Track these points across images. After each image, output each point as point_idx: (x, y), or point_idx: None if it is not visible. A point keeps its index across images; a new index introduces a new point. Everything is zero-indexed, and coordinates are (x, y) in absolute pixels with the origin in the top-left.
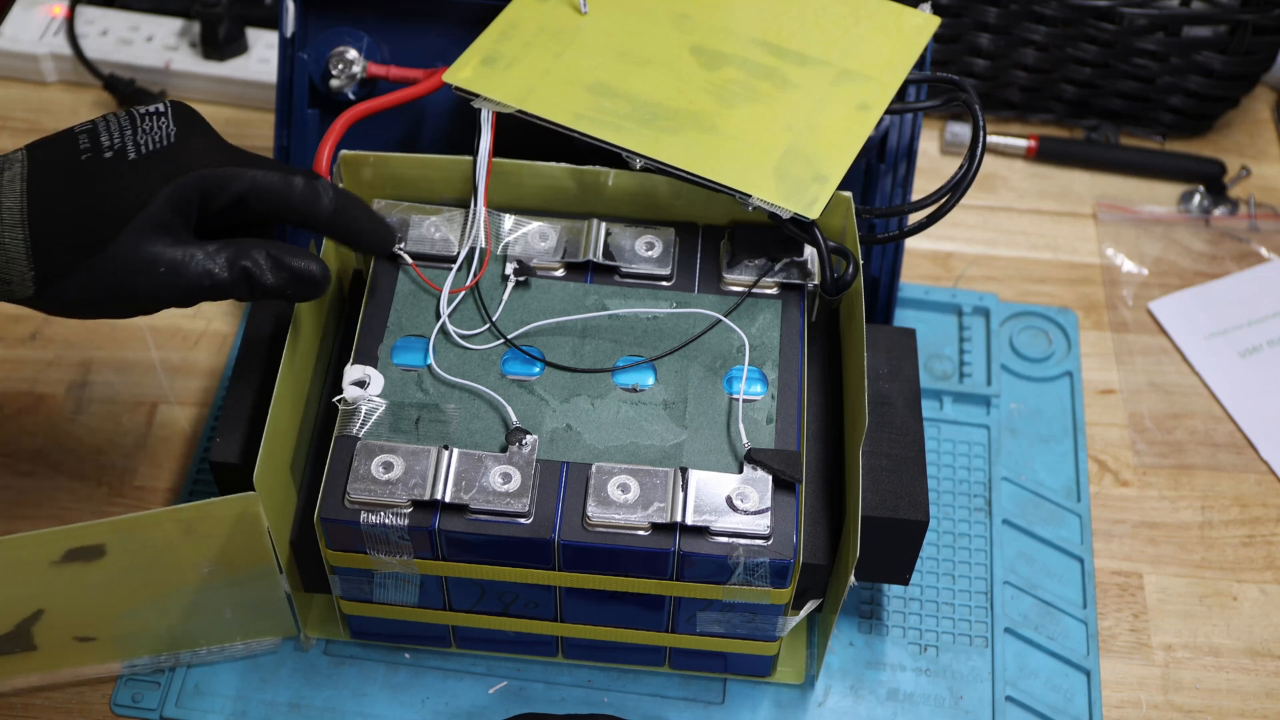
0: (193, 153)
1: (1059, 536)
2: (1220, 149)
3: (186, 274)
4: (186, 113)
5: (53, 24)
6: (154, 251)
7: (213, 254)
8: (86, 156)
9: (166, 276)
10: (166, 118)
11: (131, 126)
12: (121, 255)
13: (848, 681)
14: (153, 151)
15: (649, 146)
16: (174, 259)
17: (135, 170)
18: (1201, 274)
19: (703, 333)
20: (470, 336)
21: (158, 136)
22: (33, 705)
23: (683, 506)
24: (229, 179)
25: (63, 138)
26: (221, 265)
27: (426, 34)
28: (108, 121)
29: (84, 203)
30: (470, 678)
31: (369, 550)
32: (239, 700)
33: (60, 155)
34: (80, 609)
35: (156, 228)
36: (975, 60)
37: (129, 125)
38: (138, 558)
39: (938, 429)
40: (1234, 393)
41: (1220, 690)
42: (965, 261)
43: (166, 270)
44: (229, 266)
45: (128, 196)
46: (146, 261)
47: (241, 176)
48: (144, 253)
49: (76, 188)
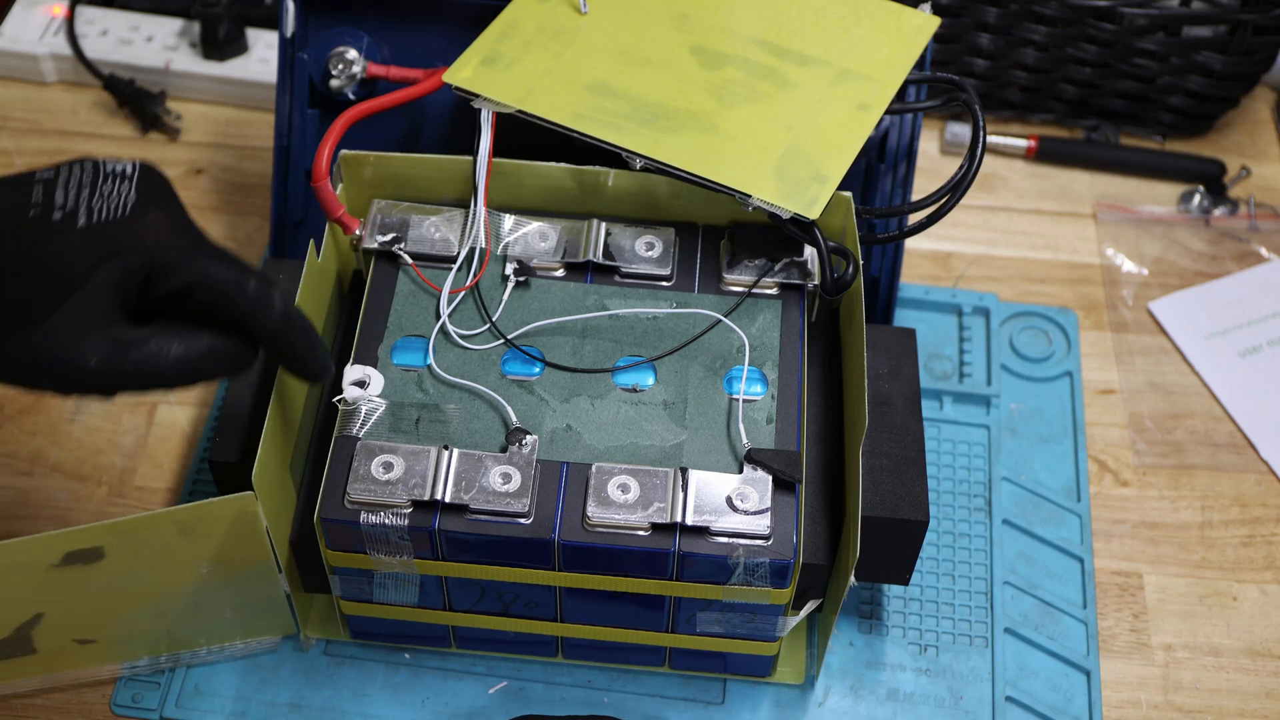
0: (146, 229)
1: (1059, 536)
2: (1220, 149)
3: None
4: (153, 181)
5: (53, 24)
6: (87, 335)
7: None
8: (34, 214)
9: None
10: (130, 183)
11: (91, 186)
12: (53, 334)
13: (848, 681)
14: (104, 221)
15: (649, 146)
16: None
17: (81, 240)
18: (1201, 274)
19: (703, 333)
20: (470, 336)
21: (114, 204)
22: (33, 706)
23: (683, 507)
24: (177, 268)
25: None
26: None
27: (426, 34)
28: (70, 174)
29: (22, 268)
30: (470, 678)
31: (369, 550)
32: (239, 700)
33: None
34: (80, 612)
35: (93, 310)
36: (975, 60)
37: (89, 184)
38: (137, 559)
39: (938, 429)
40: (1234, 393)
41: (1220, 690)
42: (965, 261)
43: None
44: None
45: (69, 269)
46: (78, 345)
47: (192, 268)
48: (77, 336)
49: (17, 249)
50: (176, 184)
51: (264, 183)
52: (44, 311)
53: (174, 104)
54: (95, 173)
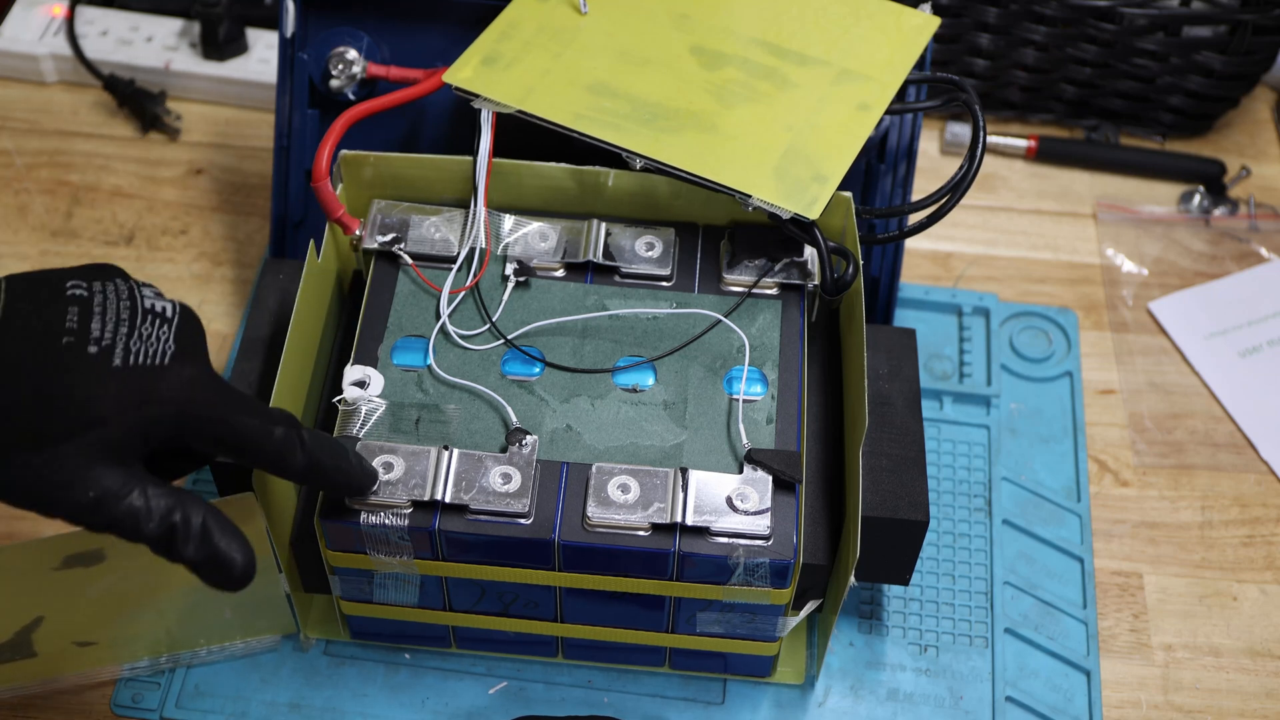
0: (179, 383)
1: (1059, 536)
2: (1220, 149)
3: (113, 510)
4: (191, 331)
5: (53, 24)
6: (90, 475)
7: (150, 499)
8: (68, 342)
9: (91, 502)
10: (170, 329)
11: (130, 324)
12: (57, 464)
13: (848, 681)
14: (139, 367)
15: (649, 146)
16: (108, 489)
17: (114, 381)
18: (1201, 274)
19: (703, 333)
20: (470, 337)
21: (152, 351)
22: (33, 706)
23: (683, 507)
24: (208, 422)
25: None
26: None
27: (426, 34)
28: (107, 301)
29: (45, 393)
30: (470, 678)
31: (369, 550)
32: (239, 700)
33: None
34: (80, 614)
35: (106, 450)
36: (975, 60)
37: (127, 321)
38: (137, 561)
39: (938, 429)
40: (1234, 393)
41: (1220, 690)
42: (965, 261)
43: (95, 496)
44: (160, 520)
45: (95, 407)
46: (79, 480)
47: (222, 423)
48: (81, 472)
49: (44, 373)
50: (176, 184)
51: (264, 183)
52: (55, 440)
53: (174, 104)
54: (133, 306)
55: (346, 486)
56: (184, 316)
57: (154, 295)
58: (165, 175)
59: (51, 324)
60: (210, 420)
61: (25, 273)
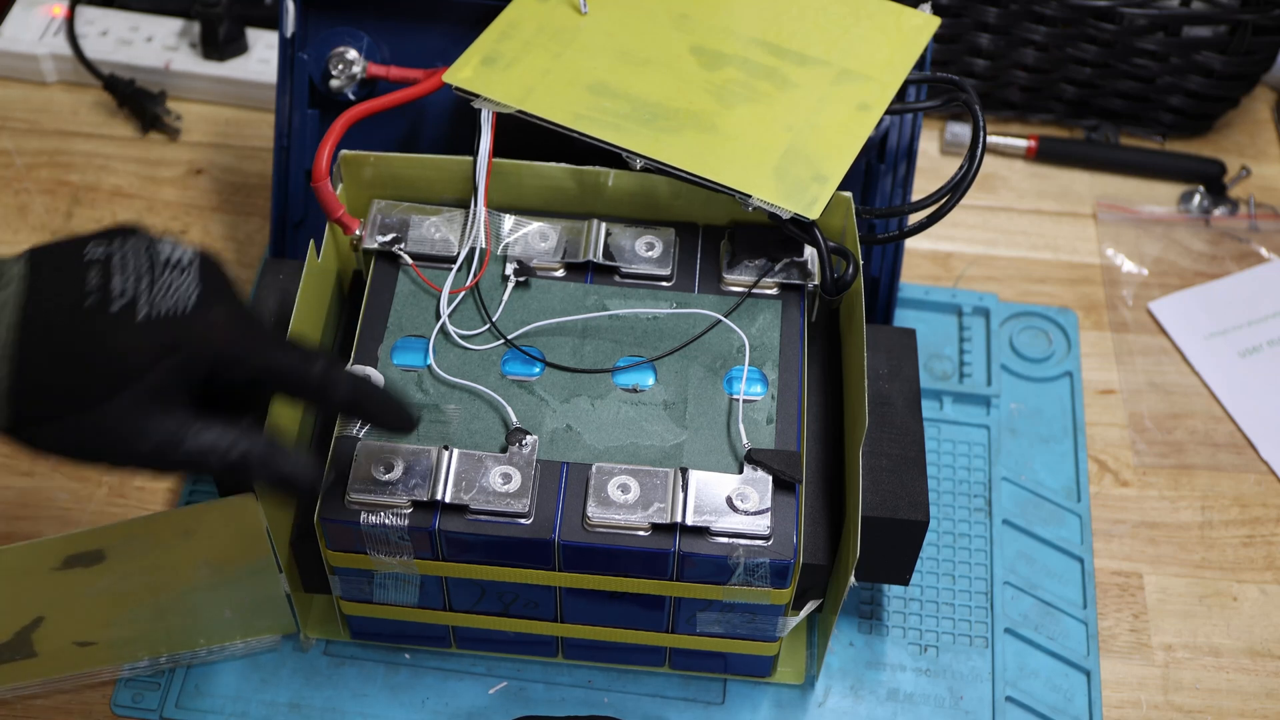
0: (209, 324)
1: (1059, 536)
2: (1220, 149)
3: (173, 455)
4: (212, 272)
5: (53, 24)
6: (144, 424)
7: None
8: (91, 303)
9: (151, 451)
10: (190, 274)
11: (150, 275)
12: (107, 422)
13: (848, 681)
14: (165, 316)
15: (649, 146)
16: (163, 438)
17: (141, 332)
18: (1201, 274)
19: (703, 333)
20: (470, 337)
21: (175, 298)
22: (33, 707)
23: (683, 507)
24: (243, 361)
25: (71, 264)
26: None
27: (426, 34)
28: (125, 258)
29: (78, 355)
30: (470, 678)
31: (369, 551)
32: (239, 700)
33: (63, 289)
34: (80, 614)
35: (152, 399)
36: (975, 60)
37: (146, 273)
38: (137, 562)
39: (938, 429)
40: (1234, 393)
41: (1220, 690)
42: (965, 261)
43: (153, 445)
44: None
45: (128, 360)
46: (134, 433)
47: (257, 359)
48: (133, 424)
49: (73, 336)
50: (176, 184)
51: (264, 183)
52: (99, 399)
53: (174, 104)
54: (151, 259)
55: (391, 422)
56: (204, 263)
57: (171, 245)
58: (165, 175)
59: (75, 289)
60: (244, 358)
61: (46, 244)
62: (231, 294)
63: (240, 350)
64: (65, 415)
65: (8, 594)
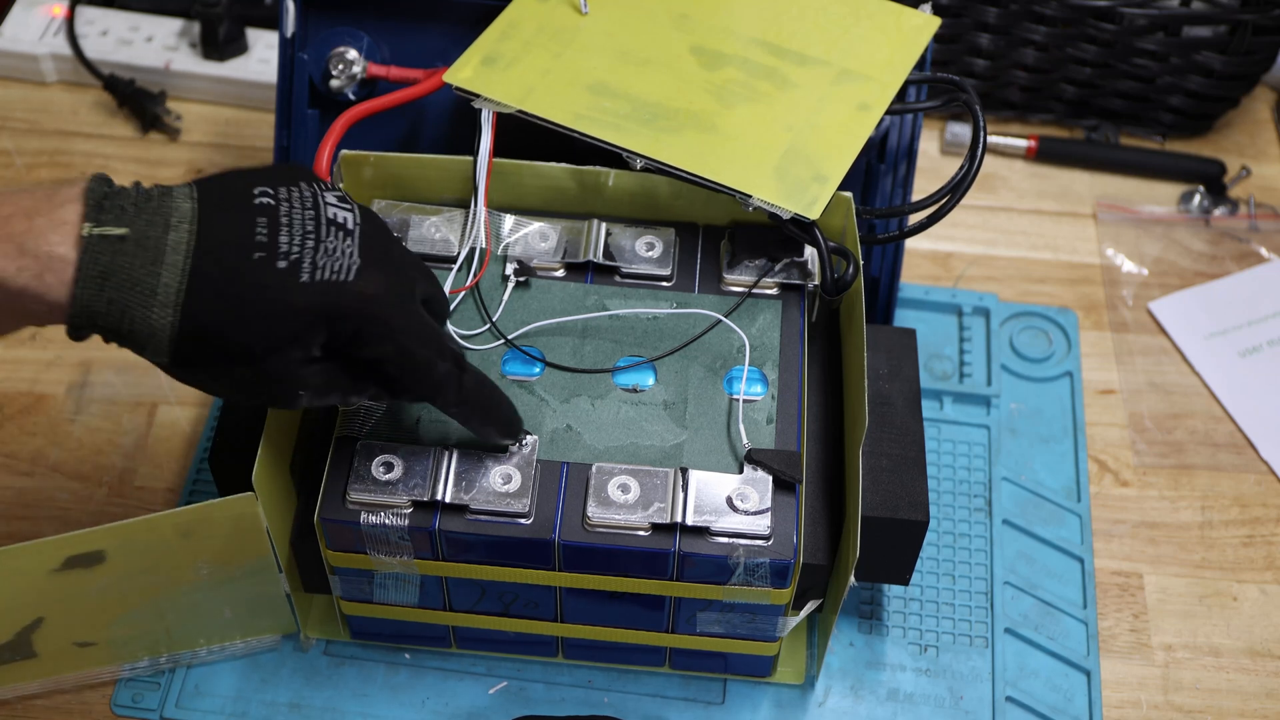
0: (364, 297)
1: (1059, 536)
2: (1220, 149)
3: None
4: (375, 240)
5: (53, 24)
6: (297, 379)
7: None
8: (259, 257)
9: (304, 399)
10: (353, 240)
11: (315, 236)
12: (264, 377)
13: (848, 681)
14: (328, 281)
15: (649, 146)
16: (315, 391)
17: (303, 294)
18: (1201, 274)
19: (703, 333)
20: (470, 336)
21: (338, 265)
22: (33, 707)
23: (683, 507)
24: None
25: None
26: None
27: (426, 34)
28: (292, 213)
29: (243, 309)
30: (470, 678)
31: (369, 550)
32: (239, 700)
33: (232, 237)
34: (80, 615)
35: (305, 360)
36: (975, 60)
37: (313, 233)
38: (137, 562)
39: (938, 429)
40: (1234, 393)
41: (1220, 690)
42: (965, 261)
43: (305, 396)
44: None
45: (289, 322)
46: (287, 389)
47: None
48: (287, 380)
49: (240, 289)
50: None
51: None
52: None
53: (174, 104)
54: (317, 217)
55: (491, 433)
56: (366, 225)
57: (337, 202)
58: (165, 175)
59: (244, 238)
60: (382, 340)
61: (213, 177)
62: (390, 263)
63: (382, 331)
64: (221, 364)
65: (7, 595)
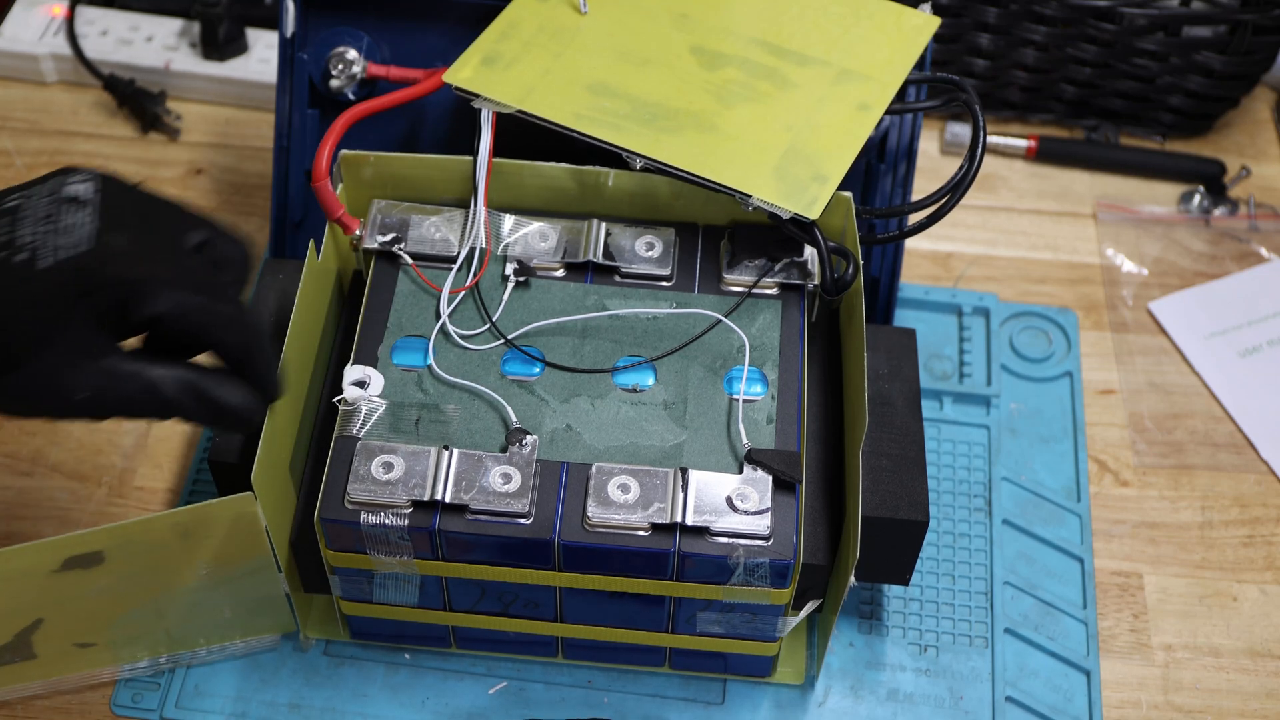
0: (110, 260)
1: (1059, 536)
2: (1220, 149)
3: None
4: (114, 199)
5: (53, 24)
6: (73, 375)
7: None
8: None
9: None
10: (86, 209)
11: (52, 219)
12: (38, 379)
13: (848, 682)
14: (68, 259)
15: (649, 146)
16: (95, 386)
17: (47, 280)
18: (1201, 274)
19: (703, 333)
20: (470, 337)
21: (75, 236)
22: (33, 707)
23: (683, 507)
24: (144, 299)
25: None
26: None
27: (426, 34)
28: (34, 204)
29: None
30: (470, 678)
31: (369, 550)
32: (239, 700)
33: None
34: (79, 616)
35: (76, 350)
36: (975, 60)
37: (50, 218)
38: (136, 562)
39: (938, 429)
40: (1234, 393)
41: (1220, 690)
42: (965, 261)
43: (86, 395)
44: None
45: (42, 313)
46: (64, 386)
47: (158, 298)
48: (62, 377)
49: None
50: (176, 184)
51: (264, 183)
52: (29, 356)
53: (174, 104)
54: (55, 199)
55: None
56: (106, 189)
57: (78, 181)
58: (165, 175)
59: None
60: (146, 296)
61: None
62: (133, 219)
63: (141, 286)
64: (4, 375)
65: (7, 596)
